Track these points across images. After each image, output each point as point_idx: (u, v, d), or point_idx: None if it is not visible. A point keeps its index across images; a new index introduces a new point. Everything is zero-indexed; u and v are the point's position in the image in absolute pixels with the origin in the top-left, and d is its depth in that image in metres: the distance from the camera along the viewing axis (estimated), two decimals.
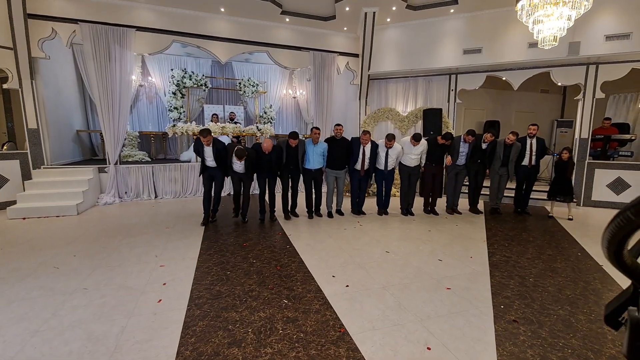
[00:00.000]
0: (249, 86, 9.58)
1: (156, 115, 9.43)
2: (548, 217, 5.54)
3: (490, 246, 4.08)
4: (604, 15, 5.89)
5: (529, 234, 4.67)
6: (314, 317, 2.45)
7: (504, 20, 6.53)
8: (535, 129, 5.41)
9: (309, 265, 3.41)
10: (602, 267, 3.46)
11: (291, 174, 5.14)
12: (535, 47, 6.01)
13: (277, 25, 7.21)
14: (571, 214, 5.51)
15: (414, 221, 5.25)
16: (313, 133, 5.03)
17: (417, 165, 5.48)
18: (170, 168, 6.95)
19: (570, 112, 9.22)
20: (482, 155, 5.51)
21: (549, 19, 3.91)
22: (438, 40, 7.13)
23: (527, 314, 2.53)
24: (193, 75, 8.98)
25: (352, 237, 4.38)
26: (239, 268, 3.33)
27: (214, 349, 2.08)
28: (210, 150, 4.69)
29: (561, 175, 5.39)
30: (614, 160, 6.58)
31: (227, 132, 7.54)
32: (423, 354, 2.05)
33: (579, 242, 4.28)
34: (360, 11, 6.70)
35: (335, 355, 2.02)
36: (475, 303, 2.68)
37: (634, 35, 5.72)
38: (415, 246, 4.05)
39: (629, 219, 0.42)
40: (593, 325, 2.38)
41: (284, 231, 4.63)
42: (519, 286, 3.00)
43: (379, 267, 3.38)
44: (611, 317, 0.57)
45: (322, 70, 7.60)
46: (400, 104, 8.16)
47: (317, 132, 5.03)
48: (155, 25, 6.31)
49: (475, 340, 2.20)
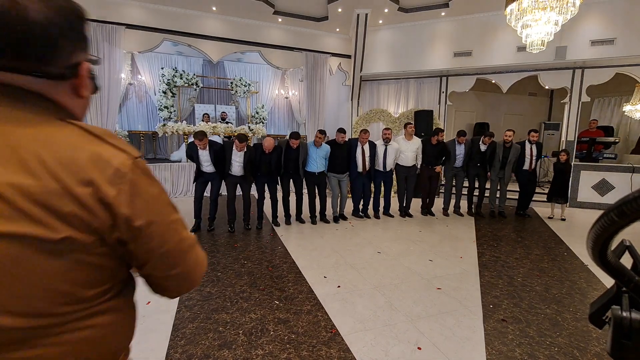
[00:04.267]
0: (240, 86, 9.52)
1: (146, 115, 9.30)
2: (548, 218, 5.61)
3: (479, 246, 4.14)
4: (590, 21, 6.04)
5: (517, 234, 4.75)
6: (305, 318, 2.45)
7: (493, 24, 6.64)
8: (537, 136, 5.45)
9: (300, 266, 3.40)
10: (587, 266, 3.54)
11: (292, 177, 4.88)
12: (524, 50, 6.11)
13: (269, 25, 7.19)
14: (564, 214, 5.60)
15: (405, 222, 5.29)
16: (317, 137, 4.80)
17: (414, 165, 5.44)
18: (160, 168, 6.85)
19: (557, 115, 9.43)
20: (481, 159, 5.50)
21: (537, 24, 3.99)
22: (429, 43, 7.21)
23: (515, 313, 2.57)
24: (184, 74, 8.88)
25: (344, 238, 4.38)
26: (229, 269, 3.30)
27: (204, 351, 2.06)
28: (206, 154, 4.30)
29: (560, 177, 5.43)
30: (599, 163, 6.75)
31: (218, 132, 7.48)
32: (413, 354, 2.06)
33: (565, 242, 4.37)
34: (353, 13, 6.72)
35: (326, 356, 2.02)
36: (465, 303, 2.71)
37: (618, 40, 5.89)
38: (406, 247, 4.08)
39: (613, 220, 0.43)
40: (579, 324, 2.43)
41: (276, 232, 4.60)
42: (508, 286, 3.05)
43: (370, 268, 3.40)
44: (595, 316, 0.58)
45: (315, 71, 7.61)
46: (392, 105, 8.22)
47: (322, 137, 4.81)
48: (146, 23, 6.22)
49: (464, 339, 2.22)
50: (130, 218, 0.51)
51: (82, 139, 0.50)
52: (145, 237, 0.53)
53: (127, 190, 0.50)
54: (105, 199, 0.48)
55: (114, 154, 0.50)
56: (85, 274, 0.50)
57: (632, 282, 0.51)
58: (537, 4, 3.76)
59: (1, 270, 0.44)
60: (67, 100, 0.54)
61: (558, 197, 5.47)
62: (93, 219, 0.48)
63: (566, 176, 5.44)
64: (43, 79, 0.50)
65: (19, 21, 0.45)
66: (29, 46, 0.47)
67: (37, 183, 0.44)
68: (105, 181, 0.48)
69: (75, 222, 0.47)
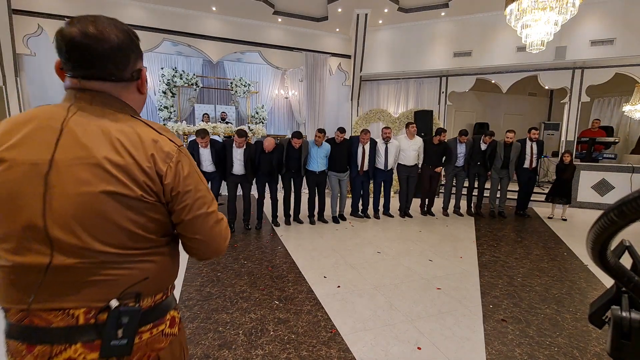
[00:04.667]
0: (240, 86, 9.52)
1: (146, 114, 9.27)
2: (548, 218, 5.60)
3: (479, 246, 4.14)
4: (589, 21, 6.05)
5: (517, 234, 4.75)
6: (305, 318, 2.45)
7: (493, 24, 6.65)
8: (537, 133, 5.44)
9: (300, 266, 3.40)
10: (587, 266, 3.54)
11: (292, 176, 4.90)
12: (524, 51, 6.12)
13: (269, 25, 7.19)
14: (565, 214, 5.58)
15: (405, 222, 5.29)
16: (316, 136, 4.81)
17: (415, 165, 5.42)
18: None
19: (556, 115, 9.44)
20: (482, 157, 5.48)
21: (536, 24, 3.99)
22: (429, 43, 7.22)
23: (515, 313, 2.57)
24: (184, 74, 8.88)
25: (344, 238, 4.38)
26: (229, 269, 3.30)
27: (204, 351, 2.06)
28: (207, 153, 4.29)
29: (562, 178, 5.39)
30: (599, 163, 6.75)
31: (218, 132, 7.48)
32: (413, 354, 2.06)
33: (565, 242, 4.37)
34: (353, 13, 6.73)
35: (326, 356, 2.02)
36: (464, 303, 2.71)
37: (617, 40, 5.89)
38: (406, 247, 4.08)
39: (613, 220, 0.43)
40: (578, 324, 2.43)
41: (275, 232, 4.60)
42: (508, 286, 3.05)
43: (370, 268, 3.40)
44: (595, 316, 0.58)
45: (315, 71, 7.61)
46: (391, 105, 8.23)
47: (321, 135, 4.82)
48: (146, 23, 6.22)
49: (464, 339, 2.22)
50: (171, 187, 0.72)
51: (145, 130, 0.72)
52: (179, 202, 0.74)
53: (172, 167, 0.72)
54: (159, 172, 0.70)
55: (166, 142, 0.73)
56: (150, 224, 0.72)
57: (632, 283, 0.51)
58: (536, 4, 3.76)
59: (99, 214, 0.65)
60: (134, 98, 0.78)
61: (561, 197, 5.43)
62: (153, 185, 0.69)
63: (569, 177, 5.39)
64: (120, 82, 0.73)
65: (104, 43, 0.67)
66: (110, 60, 0.69)
67: (121, 159, 0.66)
68: (160, 160, 0.70)
69: (145, 186, 0.68)
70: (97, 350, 0.66)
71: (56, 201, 0.63)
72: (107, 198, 0.65)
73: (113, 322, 0.66)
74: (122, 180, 0.65)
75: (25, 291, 0.64)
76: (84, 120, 0.67)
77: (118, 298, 0.68)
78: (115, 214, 0.66)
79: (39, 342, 0.65)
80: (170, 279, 0.81)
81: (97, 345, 0.66)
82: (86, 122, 0.67)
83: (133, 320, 0.68)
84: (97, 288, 0.67)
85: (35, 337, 0.65)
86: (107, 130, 0.67)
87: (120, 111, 0.72)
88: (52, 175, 0.63)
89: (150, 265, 0.73)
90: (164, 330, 0.77)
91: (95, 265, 0.66)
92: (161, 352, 0.77)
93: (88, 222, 0.65)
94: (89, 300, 0.66)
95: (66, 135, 0.65)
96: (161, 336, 0.76)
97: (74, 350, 0.65)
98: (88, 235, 0.65)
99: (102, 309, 0.67)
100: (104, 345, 0.66)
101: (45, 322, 0.65)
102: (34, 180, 0.63)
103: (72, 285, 0.66)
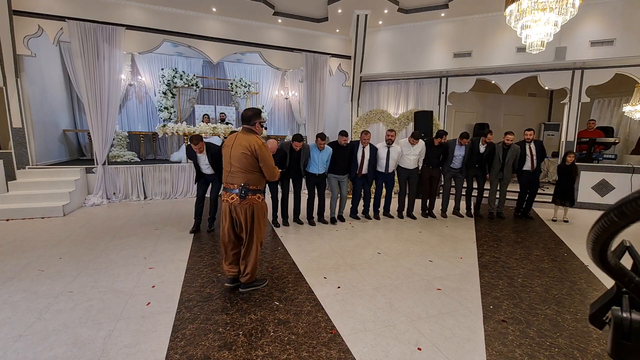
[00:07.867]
0: (240, 87, 9.53)
1: (146, 115, 9.30)
2: (552, 220, 5.54)
3: (479, 247, 4.14)
4: (589, 22, 6.05)
5: (517, 235, 4.75)
6: (305, 318, 2.45)
7: (493, 25, 6.65)
8: (532, 134, 5.36)
9: (300, 267, 3.40)
10: (587, 267, 3.54)
11: (292, 178, 4.91)
12: (524, 51, 6.14)
13: (269, 26, 7.19)
14: (567, 216, 5.52)
15: (405, 223, 5.29)
16: (318, 143, 4.78)
17: (416, 167, 5.42)
18: (160, 169, 6.85)
19: (556, 116, 9.45)
20: (480, 159, 5.45)
21: (536, 24, 3.99)
22: (429, 44, 7.22)
23: (515, 313, 2.57)
24: (184, 75, 8.89)
25: (344, 239, 4.38)
26: None
27: (204, 352, 2.05)
28: (204, 157, 4.40)
29: (565, 179, 5.33)
30: (599, 163, 6.75)
31: (218, 132, 7.48)
32: (413, 355, 2.06)
33: (565, 243, 4.37)
34: (353, 13, 6.73)
35: (326, 357, 2.02)
36: (465, 303, 2.71)
37: (617, 41, 5.89)
38: (406, 247, 4.08)
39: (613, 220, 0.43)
40: (579, 325, 2.43)
41: (275, 233, 4.60)
42: (508, 286, 3.05)
43: (370, 269, 3.39)
44: (596, 317, 0.58)
45: (315, 72, 7.61)
46: (391, 106, 8.23)
47: (323, 142, 4.78)
48: (146, 24, 6.23)
49: (465, 340, 2.22)
50: (258, 155, 2.68)
51: (255, 138, 2.70)
52: (261, 160, 2.69)
53: (258, 149, 2.66)
54: (256, 151, 2.66)
55: (258, 140, 2.69)
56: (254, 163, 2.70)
57: (633, 283, 0.50)
58: (536, 5, 3.76)
59: (241, 159, 2.67)
60: (256, 130, 2.79)
61: (564, 199, 5.35)
62: (254, 153, 2.66)
63: (573, 178, 5.31)
64: (251, 126, 2.77)
65: (254, 111, 2.81)
66: (250, 120, 2.76)
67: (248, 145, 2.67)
68: (256, 146, 2.66)
69: (252, 153, 2.66)
70: (237, 196, 2.68)
71: (232, 153, 2.70)
72: (244, 154, 2.64)
73: (243, 191, 2.67)
74: (246, 151, 2.64)
75: (226, 176, 2.77)
76: (242, 135, 2.72)
77: (244, 184, 2.67)
78: (244, 159, 2.65)
79: (226, 192, 2.75)
80: (260, 183, 2.76)
81: (236, 195, 2.68)
82: (242, 136, 2.71)
83: (246, 191, 2.68)
84: (239, 179, 2.68)
85: (226, 190, 2.76)
86: (247, 140, 2.66)
87: (251, 134, 2.73)
88: (232, 148, 2.71)
89: (252, 175, 2.70)
90: (256, 199, 2.73)
91: (239, 171, 2.68)
92: (255, 204, 2.72)
93: (238, 160, 2.67)
94: (238, 182, 2.68)
95: (237, 139, 2.72)
96: (256, 199, 2.73)
97: (230, 197, 2.70)
98: (238, 164, 2.67)
99: (241, 185, 2.67)
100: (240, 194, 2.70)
101: (229, 185, 2.73)
102: (228, 149, 2.74)
103: (234, 176, 2.70)
